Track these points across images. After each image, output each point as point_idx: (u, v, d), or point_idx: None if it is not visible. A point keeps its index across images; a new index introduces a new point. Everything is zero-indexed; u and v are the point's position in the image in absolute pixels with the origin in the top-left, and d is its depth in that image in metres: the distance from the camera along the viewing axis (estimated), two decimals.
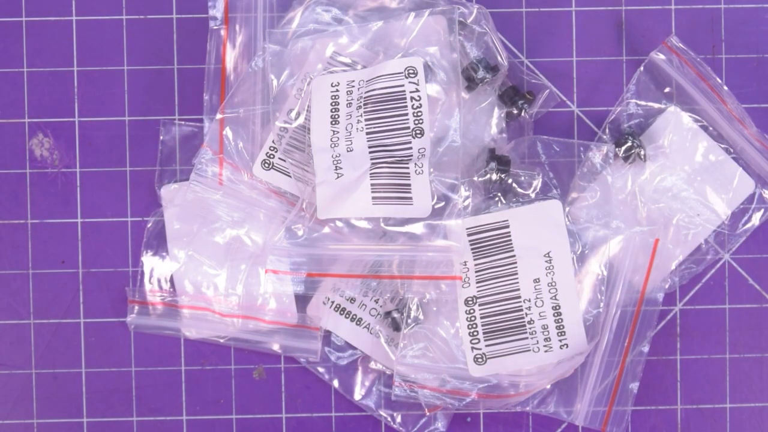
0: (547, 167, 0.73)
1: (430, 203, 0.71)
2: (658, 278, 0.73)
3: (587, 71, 0.75)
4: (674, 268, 0.74)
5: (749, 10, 0.75)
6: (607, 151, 0.73)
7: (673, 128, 0.74)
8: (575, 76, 0.75)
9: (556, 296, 0.72)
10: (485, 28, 0.73)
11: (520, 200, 0.73)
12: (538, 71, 0.75)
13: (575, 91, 0.75)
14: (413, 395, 0.72)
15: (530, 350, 0.72)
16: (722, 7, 0.75)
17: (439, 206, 0.71)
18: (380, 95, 0.70)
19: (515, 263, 0.72)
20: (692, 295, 0.75)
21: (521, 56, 0.75)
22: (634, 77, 0.74)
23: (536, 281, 0.72)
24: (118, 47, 0.75)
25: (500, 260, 0.72)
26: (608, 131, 0.74)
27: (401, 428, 0.74)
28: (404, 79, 0.71)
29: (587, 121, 0.75)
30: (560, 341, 0.72)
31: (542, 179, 0.73)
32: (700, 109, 0.74)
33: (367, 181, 0.71)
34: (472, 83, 0.72)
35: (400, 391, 0.72)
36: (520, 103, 0.73)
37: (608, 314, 0.72)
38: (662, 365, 0.75)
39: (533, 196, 0.73)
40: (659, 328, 0.75)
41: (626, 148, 0.73)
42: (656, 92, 0.74)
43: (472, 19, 0.72)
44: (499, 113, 0.73)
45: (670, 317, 0.75)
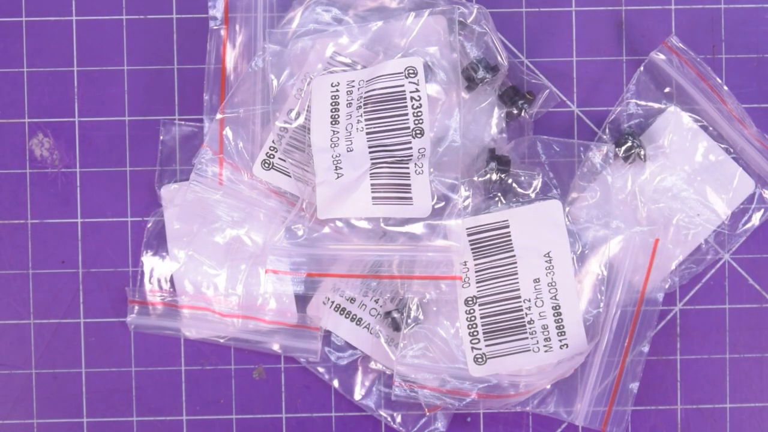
0: (547, 167, 0.73)
1: (430, 203, 0.71)
2: (658, 278, 0.73)
3: (587, 71, 0.75)
4: (674, 268, 0.74)
5: (749, 10, 0.75)
6: (607, 151, 0.73)
7: (673, 128, 0.74)
8: (575, 76, 0.75)
9: (556, 296, 0.72)
10: (485, 28, 0.72)
11: (520, 200, 0.73)
12: (538, 71, 0.75)
13: (575, 91, 0.75)
14: (413, 395, 0.72)
15: (530, 350, 0.72)
16: (722, 7, 0.75)
17: (439, 206, 0.71)
18: (380, 95, 0.70)
19: (515, 263, 0.72)
20: (692, 295, 0.75)
21: (521, 56, 0.75)
22: (634, 77, 0.74)
23: (536, 281, 0.72)
24: (118, 47, 0.75)
25: (500, 260, 0.72)
26: (608, 131, 0.74)
27: (401, 428, 0.74)
28: (404, 79, 0.71)
29: (587, 121, 0.75)
30: (560, 341, 0.72)
31: (542, 179, 0.73)
32: (700, 109, 0.74)
33: (367, 181, 0.71)
34: (472, 83, 0.72)
35: (400, 391, 0.72)
36: (520, 103, 0.73)
37: (608, 314, 0.72)
38: (662, 365, 0.75)
39: (533, 196, 0.73)
40: (659, 328, 0.75)
41: (626, 148, 0.73)
42: (656, 92, 0.74)
43: (472, 19, 0.72)
44: (499, 113, 0.73)
45: (670, 317, 0.75)
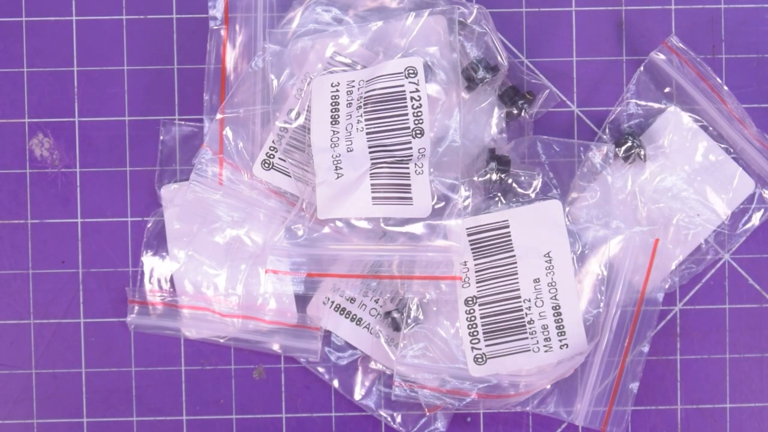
0: (547, 167, 0.73)
1: (430, 203, 0.71)
2: (658, 278, 0.73)
3: (587, 71, 0.75)
4: (674, 268, 0.74)
5: (749, 10, 0.75)
6: (607, 151, 0.73)
7: (673, 128, 0.74)
8: (575, 76, 0.75)
9: (556, 296, 0.72)
10: (485, 28, 0.72)
11: (520, 200, 0.73)
12: (538, 71, 0.75)
13: (575, 91, 0.75)
14: (413, 395, 0.72)
15: (530, 350, 0.72)
16: (722, 7, 0.75)
17: (439, 206, 0.71)
18: (380, 95, 0.70)
19: (515, 263, 0.72)
20: (692, 295, 0.75)
21: (521, 56, 0.75)
22: (634, 77, 0.74)
23: (536, 281, 0.72)
24: (118, 47, 0.75)
25: (500, 260, 0.72)
26: (608, 131, 0.74)
27: (401, 428, 0.74)
28: (404, 79, 0.71)
29: (587, 121, 0.75)
30: (560, 341, 0.72)
31: (542, 179, 0.73)
32: (700, 109, 0.74)
33: (367, 181, 0.71)
34: (472, 83, 0.72)
35: (400, 391, 0.72)
36: (520, 103, 0.73)
37: (608, 314, 0.72)
38: (662, 365, 0.75)
39: (533, 196, 0.73)
40: (659, 328, 0.75)
41: (626, 148, 0.73)
42: (656, 92, 0.74)
43: (472, 19, 0.72)
44: (499, 113, 0.73)
45: (670, 317, 0.75)
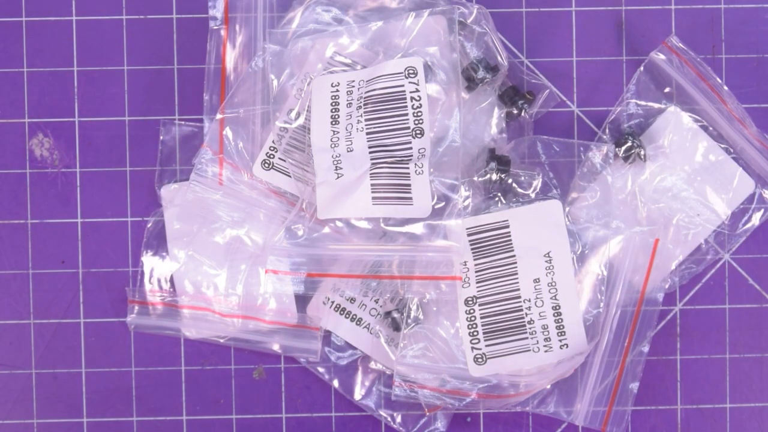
0: (547, 167, 0.73)
1: (430, 203, 0.71)
2: (658, 278, 0.73)
3: (587, 71, 0.75)
4: (674, 268, 0.74)
5: (749, 10, 0.75)
6: (607, 151, 0.73)
7: (673, 128, 0.74)
8: (575, 76, 0.75)
9: (556, 296, 0.72)
10: (485, 28, 0.72)
11: (520, 200, 0.73)
12: (538, 71, 0.75)
13: (575, 91, 0.75)
14: (413, 395, 0.72)
15: (530, 350, 0.72)
16: (722, 7, 0.75)
17: (439, 206, 0.71)
18: (380, 95, 0.70)
19: (515, 263, 0.72)
20: (692, 295, 0.75)
21: (521, 56, 0.75)
22: (634, 77, 0.74)
23: (536, 281, 0.72)
24: (118, 47, 0.75)
25: (500, 260, 0.72)
26: (608, 131, 0.74)
27: (401, 428, 0.74)
28: (404, 79, 0.71)
29: (587, 121, 0.75)
30: (560, 341, 0.72)
31: (542, 179, 0.73)
32: (700, 109, 0.74)
33: (367, 181, 0.71)
34: (472, 83, 0.72)
35: (400, 391, 0.72)
36: (520, 103, 0.73)
37: (608, 314, 0.72)
38: (662, 365, 0.75)
39: (533, 196, 0.73)
40: (659, 328, 0.75)
41: (626, 148, 0.73)
42: (656, 92, 0.74)
43: (472, 19, 0.72)
44: (499, 113, 0.73)
45: (670, 317, 0.75)
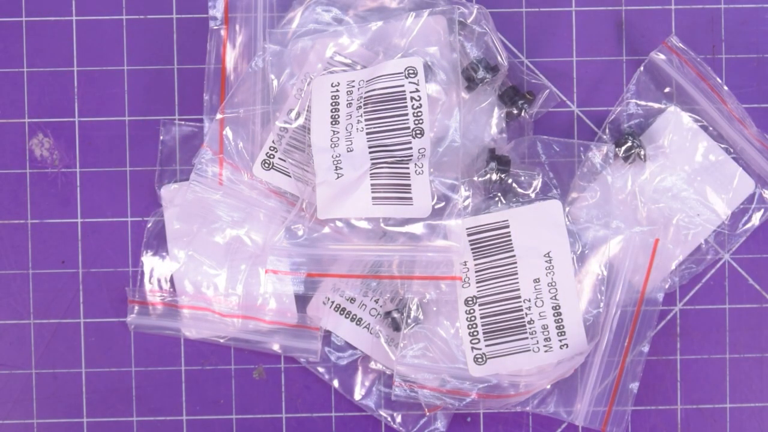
0: (547, 167, 0.73)
1: (430, 203, 0.71)
2: (658, 278, 0.73)
3: (587, 71, 0.75)
4: (674, 268, 0.74)
5: (749, 10, 0.75)
6: (607, 151, 0.73)
7: (673, 128, 0.74)
8: (575, 76, 0.75)
9: (556, 296, 0.72)
10: (485, 28, 0.72)
11: (520, 200, 0.73)
12: (538, 71, 0.75)
13: (575, 91, 0.75)
14: (413, 395, 0.72)
15: (530, 350, 0.72)
16: (722, 7, 0.75)
17: (439, 206, 0.71)
18: (380, 95, 0.70)
19: (515, 263, 0.72)
20: (692, 295, 0.75)
21: (521, 56, 0.75)
22: (634, 77, 0.74)
23: (536, 281, 0.72)
24: (118, 47, 0.75)
25: (500, 260, 0.72)
26: (608, 131, 0.74)
27: (401, 428, 0.74)
28: (404, 79, 0.71)
29: (587, 121, 0.75)
30: (560, 341, 0.72)
31: (542, 179, 0.73)
32: (700, 109, 0.74)
33: (367, 181, 0.71)
34: (472, 83, 0.72)
35: (400, 391, 0.72)
36: (520, 103, 0.73)
37: (608, 314, 0.72)
38: (662, 365, 0.75)
39: (533, 196, 0.73)
40: (659, 328, 0.75)
41: (626, 148, 0.73)
42: (656, 92, 0.74)
43: (472, 19, 0.72)
44: (499, 113, 0.73)
45: (670, 317, 0.75)
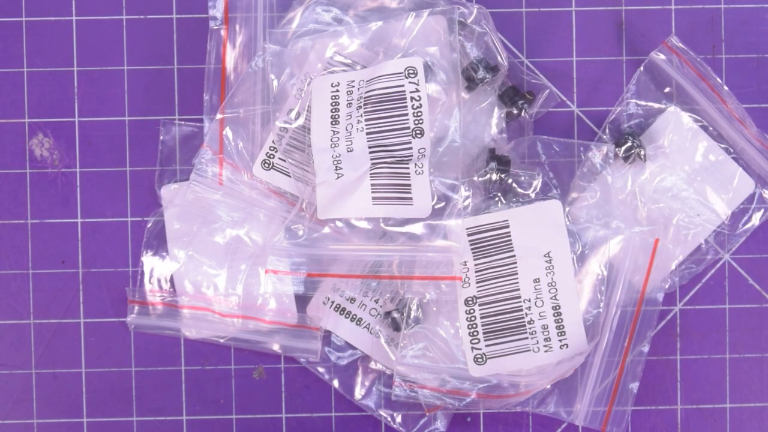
0: (547, 167, 0.73)
1: (430, 203, 0.71)
2: (658, 278, 0.73)
3: (587, 71, 0.75)
4: (674, 268, 0.74)
5: (749, 10, 0.75)
6: (607, 151, 0.73)
7: (673, 128, 0.74)
8: (575, 76, 0.75)
9: (556, 296, 0.72)
10: (485, 28, 0.72)
11: (520, 200, 0.73)
12: (538, 71, 0.75)
13: (575, 91, 0.75)
14: (413, 395, 0.72)
15: (530, 350, 0.72)
16: (722, 7, 0.75)
17: (439, 206, 0.71)
18: (380, 95, 0.70)
19: (515, 263, 0.72)
20: (692, 295, 0.75)
21: (521, 56, 0.75)
22: (634, 77, 0.74)
23: (536, 281, 0.72)
24: (118, 47, 0.75)
25: (500, 260, 0.72)
26: (608, 131, 0.74)
27: (401, 428, 0.74)
28: (404, 79, 0.71)
29: (587, 121, 0.75)
30: (560, 341, 0.72)
31: (542, 179, 0.73)
32: (700, 109, 0.74)
33: (367, 181, 0.71)
34: (472, 83, 0.72)
35: (400, 391, 0.72)
36: (520, 103, 0.73)
37: (608, 314, 0.72)
38: (662, 365, 0.75)
39: (533, 196, 0.73)
40: (659, 328, 0.75)
41: (626, 148, 0.73)
42: (656, 92, 0.74)
43: (472, 19, 0.72)
44: (499, 113, 0.73)
45: (670, 317, 0.75)
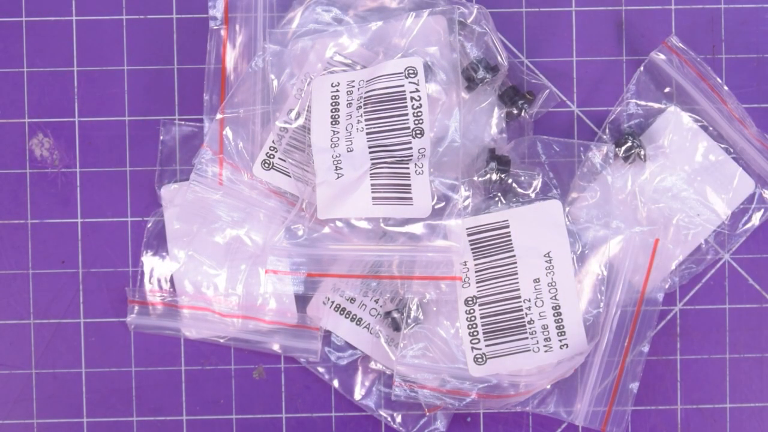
0: (547, 167, 0.73)
1: (430, 203, 0.71)
2: (658, 278, 0.73)
3: (587, 71, 0.75)
4: (674, 268, 0.74)
5: (749, 10, 0.75)
6: (607, 151, 0.73)
7: (673, 128, 0.74)
8: (575, 76, 0.75)
9: (556, 296, 0.72)
10: (485, 28, 0.72)
11: (520, 200, 0.73)
12: (538, 71, 0.75)
13: (575, 91, 0.75)
14: (413, 395, 0.72)
15: (530, 350, 0.72)
16: (722, 7, 0.75)
17: (439, 206, 0.71)
18: (380, 95, 0.70)
19: (515, 263, 0.72)
20: (692, 295, 0.75)
21: (521, 56, 0.75)
22: (634, 77, 0.74)
23: (536, 281, 0.72)
24: (118, 47, 0.75)
25: (500, 260, 0.72)
26: (608, 131, 0.74)
27: (401, 428, 0.74)
28: (404, 79, 0.71)
29: (587, 121, 0.75)
30: (560, 341, 0.72)
31: (542, 179, 0.73)
32: (700, 109, 0.74)
33: (367, 181, 0.71)
34: (472, 83, 0.72)
35: (400, 391, 0.72)
36: (520, 103, 0.73)
37: (608, 314, 0.72)
38: (662, 365, 0.75)
39: (533, 196, 0.73)
40: (659, 328, 0.75)
41: (626, 148, 0.73)
42: (656, 92, 0.74)
43: (472, 19, 0.72)
44: (499, 113, 0.73)
45: (670, 317, 0.75)
